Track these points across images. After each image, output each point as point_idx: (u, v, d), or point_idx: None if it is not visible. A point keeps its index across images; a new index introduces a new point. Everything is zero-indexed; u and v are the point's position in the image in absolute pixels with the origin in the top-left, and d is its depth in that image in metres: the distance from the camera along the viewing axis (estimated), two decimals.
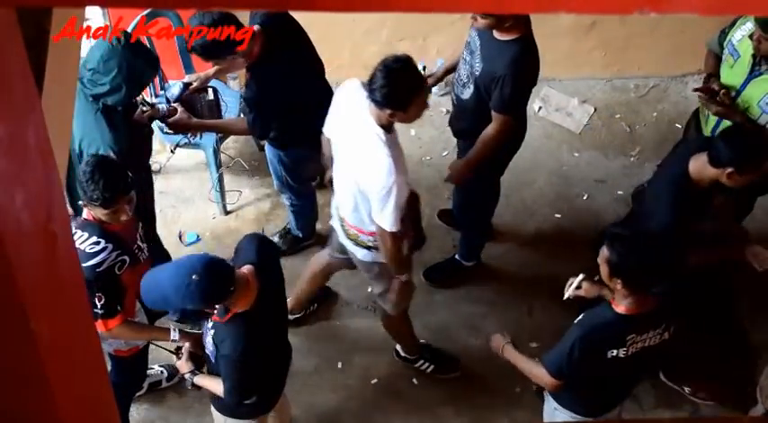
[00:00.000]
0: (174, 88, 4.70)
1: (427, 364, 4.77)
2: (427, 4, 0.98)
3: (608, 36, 5.81)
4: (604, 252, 3.37)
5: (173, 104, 4.48)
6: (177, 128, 4.50)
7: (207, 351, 3.60)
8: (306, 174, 4.81)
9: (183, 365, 3.71)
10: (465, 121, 4.47)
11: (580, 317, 3.62)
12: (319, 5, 1.00)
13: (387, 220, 3.77)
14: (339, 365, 4.81)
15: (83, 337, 1.51)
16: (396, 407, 4.69)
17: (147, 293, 3.32)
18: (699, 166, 3.81)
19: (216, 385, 3.60)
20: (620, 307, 3.43)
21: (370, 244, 4.05)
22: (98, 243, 3.56)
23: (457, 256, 5.09)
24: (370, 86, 3.60)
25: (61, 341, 1.33)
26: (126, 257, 3.65)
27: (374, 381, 4.78)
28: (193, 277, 3.11)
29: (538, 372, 3.67)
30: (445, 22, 5.57)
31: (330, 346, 4.86)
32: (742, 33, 4.22)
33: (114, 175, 3.46)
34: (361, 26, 5.68)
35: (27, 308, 1.16)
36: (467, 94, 4.31)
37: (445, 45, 5.82)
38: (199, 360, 3.72)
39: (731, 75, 4.28)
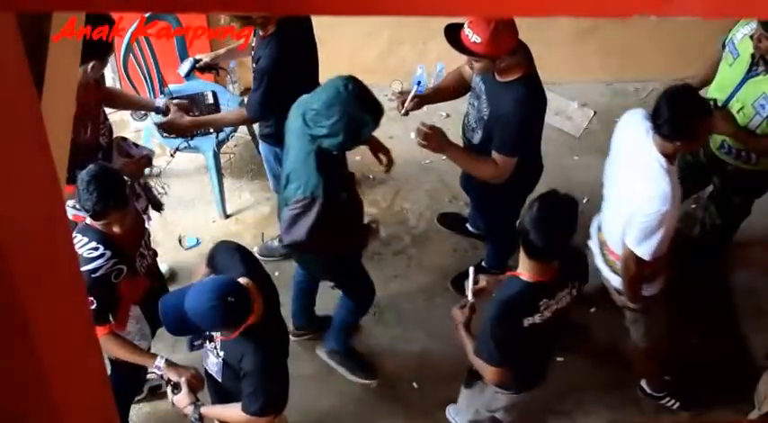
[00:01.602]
0: (185, 65, 4.73)
1: (673, 402, 4.69)
2: (427, 7, 0.98)
3: (608, 40, 5.81)
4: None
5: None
6: (171, 129, 4.50)
7: (211, 372, 3.58)
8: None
9: (184, 399, 3.60)
10: None
11: (492, 296, 3.64)
12: (319, 9, 1.00)
13: (648, 248, 3.79)
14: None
15: (83, 340, 1.51)
16: (396, 411, 4.68)
17: (167, 316, 3.29)
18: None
19: (227, 411, 3.57)
20: (526, 275, 3.45)
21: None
22: (96, 249, 3.54)
23: (484, 264, 4.94)
24: (655, 121, 3.66)
25: (61, 344, 1.33)
26: (124, 266, 3.63)
27: (374, 385, 4.77)
28: (229, 299, 3.15)
29: (480, 364, 3.66)
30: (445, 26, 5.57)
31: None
32: (744, 33, 4.23)
33: (109, 188, 3.43)
34: (361, 30, 5.68)
35: (27, 311, 1.16)
36: (476, 138, 4.29)
37: (445, 49, 5.80)
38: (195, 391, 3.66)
39: (729, 73, 4.29)
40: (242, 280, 3.36)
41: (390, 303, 4.77)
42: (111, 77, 5.55)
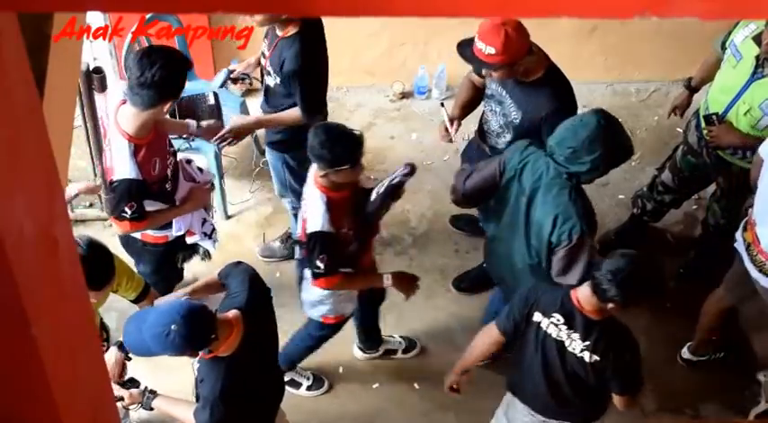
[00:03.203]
0: (219, 76, 4.75)
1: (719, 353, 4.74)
2: (429, 8, 0.98)
3: (609, 40, 5.81)
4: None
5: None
6: (241, 135, 4.49)
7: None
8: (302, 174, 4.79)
9: (133, 395, 3.55)
10: None
11: None
12: (320, 10, 1.00)
13: None
14: (340, 370, 4.80)
15: (84, 341, 1.51)
16: (397, 412, 4.68)
17: (129, 338, 3.24)
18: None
19: (178, 408, 3.52)
20: (576, 294, 3.48)
21: None
22: None
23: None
24: None
25: (62, 345, 1.33)
26: None
27: (375, 385, 4.77)
28: (172, 327, 3.04)
29: (488, 329, 3.76)
30: (446, 27, 5.56)
31: (331, 350, 4.85)
32: (744, 34, 4.23)
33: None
34: (362, 31, 5.68)
35: (28, 312, 1.16)
36: (502, 143, 4.30)
37: (446, 50, 5.81)
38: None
39: (733, 75, 4.29)
40: (230, 313, 3.30)
41: (391, 304, 4.76)
42: (112, 79, 5.56)
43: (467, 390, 3.99)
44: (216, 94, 5.12)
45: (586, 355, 3.50)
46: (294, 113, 4.42)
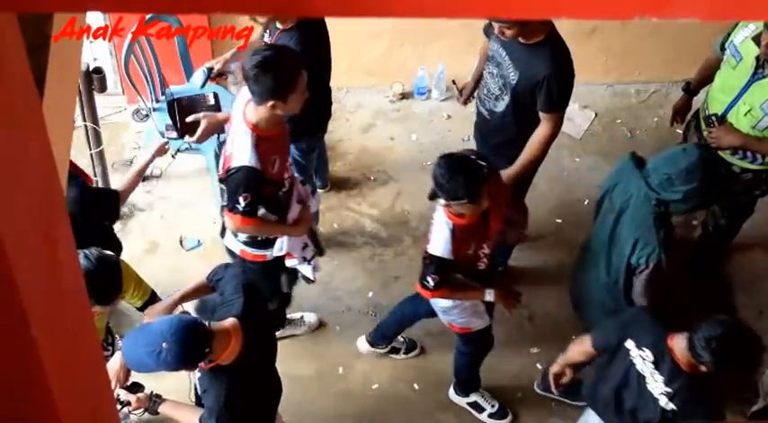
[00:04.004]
0: (198, 76, 4.72)
1: None
2: (429, 9, 0.98)
3: (609, 41, 5.81)
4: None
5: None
6: (210, 130, 4.39)
7: (197, 388, 3.54)
8: (311, 166, 4.79)
9: (140, 399, 3.57)
10: (500, 135, 4.44)
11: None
12: (320, 10, 1.00)
13: None
14: (340, 371, 4.80)
15: (84, 342, 1.51)
16: (397, 412, 4.68)
17: (127, 355, 3.24)
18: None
19: (184, 413, 3.53)
20: (672, 341, 3.46)
21: None
22: None
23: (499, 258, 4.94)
24: None
25: (62, 347, 1.33)
26: None
27: (375, 386, 4.77)
28: (164, 345, 3.03)
29: (582, 340, 3.80)
30: (446, 28, 5.57)
31: (331, 351, 4.86)
32: (744, 35, 4.23)
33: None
34: (362, 31, 5.68)
35: (28, 314, 1.16)
36: (501, 106, 4.32)
37: (446, 50, 5.82)
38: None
39: (733, 76, 4.29)
40: (227, 321, 3.29)
41: (391, 304, 4.76)
42: (112, 79, 5.56)
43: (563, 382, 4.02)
44: (216, 95, 5.11)
45: (663, 401, 3.48)
46: None
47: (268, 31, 4.37)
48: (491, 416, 4.64)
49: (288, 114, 3.81)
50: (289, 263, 4.17)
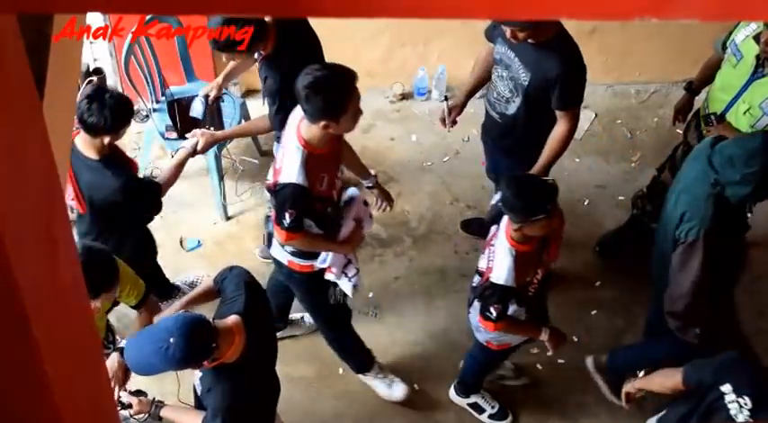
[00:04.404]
0: (197, 106, 4.78)
1: None
2: (429, 9, 0.98)
3: (609, 42, 5.82)
4: None
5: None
6: (207, 146, 4.51)
7: (197, 389, 3.57)
8: None
9: (142, 402, 3.57)
10: (512, 137, 4.43)
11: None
12: (320, 11, 1.00)
13: None
14: (340, 371, 4.80)
15: (84, 342, 1.51)
16: (397, 413, 4.68)
17: (131, 358, 3.24)
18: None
19: (186, 417, 3.52)
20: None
21: None
22: None
23: None
24: None
25: (62, 346, 1.33)
26: None
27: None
28: (171, 340, 3.04)
29: (672, 373, 3.70)
30: (446, 28, 5.58)
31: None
32: (745, 34, 4.24)
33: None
34: (362, 32, 5.68)
35: (28, 313, 1.16)
36: (512, 108, 4.31)
37: (446, 51, 5.83)
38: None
39: (733, 75, 4.30)
40: (230, 319, 3.29)
41: (391, 304, 4.77)
42: (112, 80, 5.56)
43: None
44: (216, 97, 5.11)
45: None
46: (263, 124, 4.50)
47: (258, 56, 4.37)
48: (491, 417, 4.64)
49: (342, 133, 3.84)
50: (328, 276, 4.14)
